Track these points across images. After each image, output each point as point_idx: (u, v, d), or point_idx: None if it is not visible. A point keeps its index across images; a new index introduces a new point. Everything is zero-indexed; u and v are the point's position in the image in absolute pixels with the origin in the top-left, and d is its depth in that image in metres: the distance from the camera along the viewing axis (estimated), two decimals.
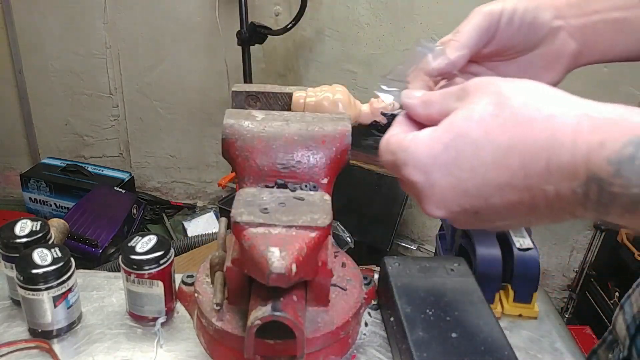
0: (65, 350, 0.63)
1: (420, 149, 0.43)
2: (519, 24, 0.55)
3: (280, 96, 0.61)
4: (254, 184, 0.56)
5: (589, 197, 0.37)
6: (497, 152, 0.40)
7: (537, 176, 0.38)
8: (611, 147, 0.35)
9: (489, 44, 0.56)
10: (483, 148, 0.40)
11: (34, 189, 2.34)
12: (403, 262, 0.66)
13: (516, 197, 0.40)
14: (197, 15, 2.21)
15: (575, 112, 0.38)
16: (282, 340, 0.55)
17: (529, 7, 0.55)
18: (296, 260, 0.48)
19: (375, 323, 0.66)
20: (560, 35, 0.56)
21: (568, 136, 0.37)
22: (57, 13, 2.28)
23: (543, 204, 0.39)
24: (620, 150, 0.35)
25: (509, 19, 0.54)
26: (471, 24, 0.54)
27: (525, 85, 0.42)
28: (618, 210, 0.36)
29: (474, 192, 0.41)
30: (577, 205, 0.38)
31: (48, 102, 2.45)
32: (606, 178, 0.35)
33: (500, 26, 0.54)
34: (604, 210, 0.37)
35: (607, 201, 0.36)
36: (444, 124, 0.43)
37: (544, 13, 0.55)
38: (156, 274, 0.63)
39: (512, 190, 0.40)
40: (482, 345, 0.54)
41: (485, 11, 0.54)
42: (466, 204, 0.42)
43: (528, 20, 0.55)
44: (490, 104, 0.41)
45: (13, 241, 0.65)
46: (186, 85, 2.34)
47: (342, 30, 2.06)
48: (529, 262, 0.67)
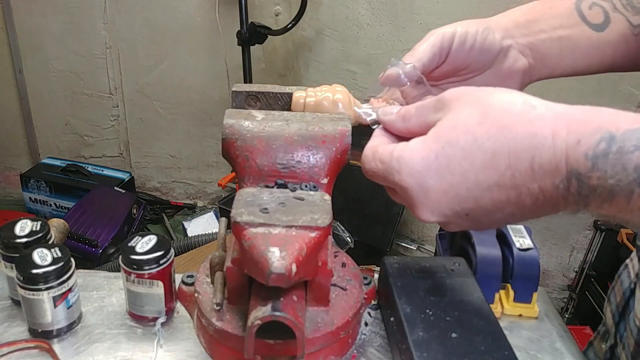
0: (65, 350, 0.63)
1: (414, 157, 0.46)
2: (471, 45, 0.59)
3: (280, 96, 0.61)
4: (254, 184, 0.56)
5: (570, 191, 0.40)
6: (485, 156, 0.43)
7: (523, 175, 0.42)
8: (587, 144, 0.39)
9: (443, 64, 0.61)
10: (472, 153, 0.44)
11: (34, 189, 2.34)
12: (403, 262, 0.66)
13: (504, 195, 0.43)
14: (197, 15, 2.21)
15: (552, 115, 0.42)
16: (282, 340, 0.55)
17: (479, 29, 0.59)
18: (296, 260, 0.48)
19: (375, 323, 0.66)
20: (510, 53, 0.61)
21: (548, 137, 0.41)
22: (57, 13, 2.28)
23: (529, 200, 0.43)
24: (595, 147, 0.39)
25: (461, 40, 0.59)
26: (425, 43, 0.59)
27: (501, 92, 0.45)
28: (597, 201, 0.40)
29: (465, 194, 0.45)
30: (559, 199, 0.41)
31: (48, 102, 2.45)
32: (585, 172, 0.39)
33: (453, 47, 0.59)
34: (584, 202, 0.40)
35: (587, 193, 0.40)
36: (431, 134, 0.46)
37: (494, 34, 0.60)
38: (156, 274, 0.63)
39: (500, 189, 0.43)
40: (482, 345, 0.54)
41: (439, 32, 0.59)
42: (458, 207, 0.45)
43: (479, 41, 0.59)
44: (473, 112, 0.44)
45: (13, 241, 0.65)
46: (186, 85, 2.34)
47: (342, 30, 2.06)
48: (529, 262, 0.67)
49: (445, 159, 0.44)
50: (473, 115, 0.44)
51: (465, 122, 0.44)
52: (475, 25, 0.60)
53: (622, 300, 0.71)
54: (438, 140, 0.45)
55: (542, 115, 0.42)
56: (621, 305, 0.70)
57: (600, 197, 0.39)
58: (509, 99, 0.44)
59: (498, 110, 0.44)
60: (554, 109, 0.42)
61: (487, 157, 0.43)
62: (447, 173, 0.44)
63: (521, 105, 0.43)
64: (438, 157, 0.45)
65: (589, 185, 0.39)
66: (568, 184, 0.40)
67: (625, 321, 0.68)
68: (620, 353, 0.67)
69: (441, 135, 0.45)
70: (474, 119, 0.44)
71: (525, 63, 0.62)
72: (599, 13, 0.62)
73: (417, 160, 0.46)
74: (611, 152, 0.38)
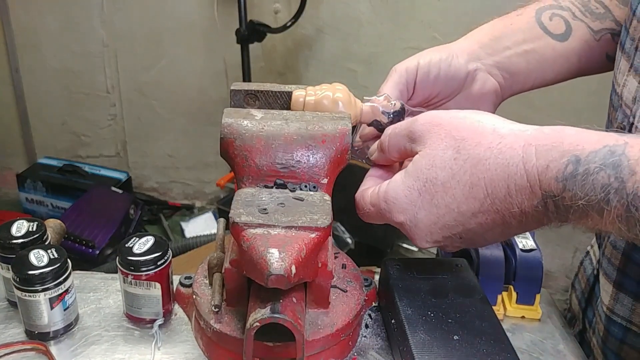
0: (62, 352, 0.62)
1: (399, 196, 0.50)
2: (436, 74, 0.61)
3: (279, 95, 0.60)
4: (252, 184, 0.56)
5: (548, 210, 0.44)
6: (465, 188, 0.47)
7: (502, 201, 0.45)
8: (555, 168, 0.42)
9: (413, 97, 0.63)
10: (452, 187, 0.47)
11: (31, 189, 2.33)
12: (404, 264, 0.66)
13: (489, 219, 0.47)
14: (196, 13, 2.20)
15: (520, 144, 0.45)
16: (282, 343, 0.54)
17: (442, 57, 0.62)
18: (296, 262, 0.48)
19: (376, 325, 0.65)
20: (478, 76, 0.63)
21: (519, 165, 0.44)
22: (54, 11, 2.27)
23: (514, 221, 0.46)
24: (563, 170, 0.42)
25: (425, 72, 0.61)
26: (389, 83, 0.61)
27: (471, 121, 0.48)
28: (575, 217, 0.43)
29: (453, 223, 0.48)
30: (541, 216, 0.45)
31: (45, 101, 2.44)
32: (557, 193, 0.43)
33: (417, 80, 0.61)
34: (564, 218, 0.44)
35: (564, 211, 0.43)
36: (411, 171, 0.50)
37: (458, 59, 0.62)
38: (154, 276, 0.63)
39: (484, 215, 0.47)
40: (484, 348, 0.54)
41: (402, 68, 0.61)
42: (449, 234, 0.49)
43: (444, 69, 0.61)
44: (448, 148, 0.48)
45: (9, 242, 0.64)
46: (184, 84, 2.33)
47: (342, 28, 2.06)
48: (531, 263, 0.66)
49: (428, 195, 0.48)
50: (448, 151, 0.48)
51: (441, 158, 0.48)
52: (438, 53, 0.62)
53: (586, 286, 0.73)
54: (418, 179, 0.49)
55: (511, 144, 0.45)
56: (586, 291, 0.73)
57: (577, 213, 0.42)
58: (478, 130, 0.47)
59: (470, 144, 0.47)
60: (522, 136, 0.45)
61: (466, 189, 0.46)
62: (433, 207, 0.48)
63: (490, 136, 0.46)
64: (421, 194, 0.49)
65: (564, 205, 0.42)
66: (545, 204, 0.43)
67: (592, 307, 0.71)
68: (591, 337, 0.70)
69: (420, 175, 0.49)
70: (449, 154, 0.47)
71: (495, 83, 0.64)
72: (560, 23, 0.65)
73: (401, 198, 0.50)
74: (579, 174, 0.41)
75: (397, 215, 0.51)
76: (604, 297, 0.64)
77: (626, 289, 0.61)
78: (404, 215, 0.50)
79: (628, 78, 0.58)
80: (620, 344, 0.62)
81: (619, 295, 0.61)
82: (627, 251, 0.60)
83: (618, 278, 0.61)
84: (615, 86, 0.61)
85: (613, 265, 0.62)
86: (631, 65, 0.57)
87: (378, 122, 0.60)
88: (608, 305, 0.63)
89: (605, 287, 0.63)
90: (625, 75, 0.58)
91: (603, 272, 0.64)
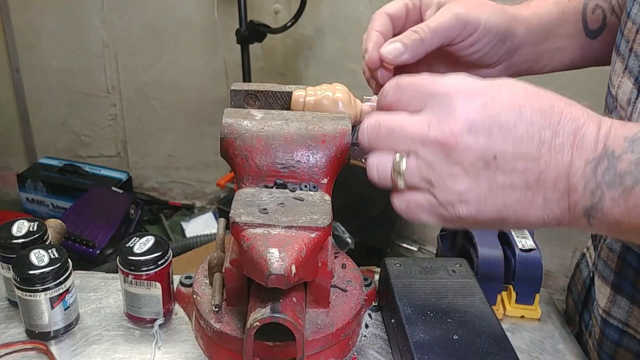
0: (63, 352, 0.62)
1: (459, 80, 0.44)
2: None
3: (279, 95, 0.60)
4: (253, 184, 0.56)
5: (595, 174, 0.40)
6: (539, 105, 0.42)
7: (565, 135, 0.41)
8: (630, 129, 0.40)
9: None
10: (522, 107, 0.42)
11: (31, 189, 2.33)
12: (404, 263, 0.66)
13: (535, 144, 0.41)
14: (196, 13, 2.20)
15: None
16: (282, 343, 0.55)
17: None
18: (296, 262, 0.48)
19: (375, 325, 0.65)
20: None
21: (595, 117, 0.42)
22: (54, 11, 2.27)
23: (552, 175, 0.41)
24: (636, 133, 0.40)
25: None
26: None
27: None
28: (615, 192, 0.40)
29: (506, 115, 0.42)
30: (579, 184, 0.41)
31: (45, 101, 2.44)
32: (618, 153, 0.40)
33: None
34: (601, 192, 0.40)
35: (610, 180, 0.40)
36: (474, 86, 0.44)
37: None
38: (154, 275, 0.63)
39: (539, 131, 0.41)
40: (484, 347, 0.54)
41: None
42: (491, 123, 0.42)
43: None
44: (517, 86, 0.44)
45: (10, 242, 0.64)
46: (184, 84, 2.33)
47: (343, 28, 2.06)
48: (531, 263, 0.66)
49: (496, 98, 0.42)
50: (518, 87, 0.43)
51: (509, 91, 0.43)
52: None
53: (583, 289, 0.73)
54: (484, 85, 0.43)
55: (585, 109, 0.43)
56: (583, 294, 0.72)
57: (622, 186, 0.39)
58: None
59: (541, 91, 0.43)
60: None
61: (539, 106, 0.42)
62: (495, 103, 0.42)
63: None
64: (486, 88, 0.43)
65: (617, 171, 0.39)
66: (598, 164, 0.40)
67: (589, 310, 0.70)
68: (587, 341, 0.69)
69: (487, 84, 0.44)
70: (519, 91, 0.43)
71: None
72: (599, 17, 0.65)
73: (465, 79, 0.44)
74: None
75: (449, 80, 0.44)
76: (600, 300, 0.64)
77: (623, 291, 0.60)
78: (458, 81, 0.44)
79: (623, 80, 0.58)
80: (615, 346, 0.62)
81: (616, 298, 0.61)
82: (622, 254, 0.60)
83: (615, 280, 0.61)
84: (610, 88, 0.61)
85: (609, 267, 0.62)
86: (626, 66, 0.57)
87: None
88: (604, 307, 0.63)
89: (601, 289, 0.63)
90: (620, 77, 0.58)
91: (599, 275, 0.64)
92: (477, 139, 0.42)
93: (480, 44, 0.59)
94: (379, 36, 0.58)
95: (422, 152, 0.43)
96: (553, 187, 0.41)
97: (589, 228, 0.42)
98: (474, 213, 0.43)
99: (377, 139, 0.46)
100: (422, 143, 0.43)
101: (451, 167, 0.42)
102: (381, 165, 0.46)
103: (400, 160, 0.45)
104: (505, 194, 0.42)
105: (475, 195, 0.43)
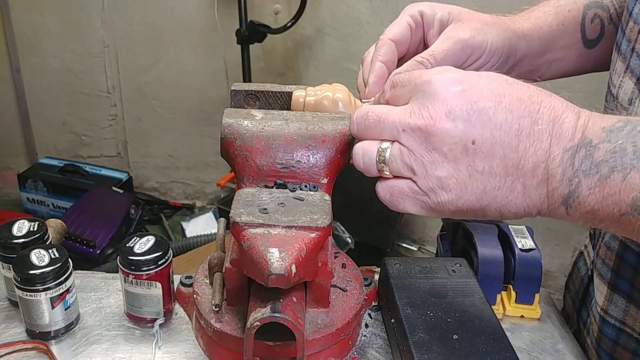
0: (63, 351, 0.62)
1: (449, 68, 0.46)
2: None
3: (279, 95, 0.60)
4: (253, 184, 0.56)
5: (573, 162, 0.41)
6: (518, 94, 0.43)
7: (545, 124, 0.42)
8: (607, 121, 0.42)
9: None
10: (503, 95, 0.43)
11: (32, 189, 2.33)
12: (404, 263, 0.66)
13: (514, 131, 0.42)
14: (196, 13, 2.20)
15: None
16: (282, 342, 0.55)
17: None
18: (296, 261, 0.48)
19: (375, 324, 0.66)
20: None
21: (574, 109, 0.43)
22: (55, 12, 2.27)
23: (530, 161, 0.42)
24: (614, 124, 0.41)
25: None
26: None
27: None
28: (591, 180, 0.40)
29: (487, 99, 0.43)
30: (557, 171, 0.42)
31: (46, 102, 2.44)
32: (596, 142, 0.41)
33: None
34: (578, 179, 0.41)
35: (587, 169, 0.41)
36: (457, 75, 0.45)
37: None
38: (154, 275, 0.63)
39: (518, 119, 0.42)
40: (484, 347, 0.54)
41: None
42: (473, 107, 0.43)
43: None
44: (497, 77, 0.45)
45: (10, 242, 0.64)
46: (185, 85, 2.33)
47: (342, 28, 2.06)
48: (531, 262, 0.66)
49: (476, 86, 0.44)
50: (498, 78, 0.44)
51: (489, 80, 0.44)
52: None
53: (580, 287, 0.73)
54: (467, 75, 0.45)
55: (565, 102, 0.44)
56: (580, 292, 0.73)
57: (598, 174, 0.40)
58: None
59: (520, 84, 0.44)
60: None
61: (518, 95, 0.43)
62: (474, 90, 0.43)
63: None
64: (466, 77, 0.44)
65: (593, 159, 0.40)
66: (575, 152, 0.41)
67: (587, 308, 0.70)
68: (585, 338, 0.70)
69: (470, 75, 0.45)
70: (500, 80, 0.44)
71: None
72: (597, 27, 0.66)
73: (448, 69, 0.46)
74: (625, 129, 0.40)
75: (435, 71, 0.45)
76: (598, 298, 0.64)
77: (620, 290, 0.61)
78: (441, 71, 0.45)
79: (624, 79, 0.58)
80: (613, 345, 0.62)
81: (613, 296, 0.61)
82: (620, 252, 0.60)
83: (612, 279, 0.61)
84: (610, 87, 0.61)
85: (607, 266, 0.62)
86: (627, 66, 0.57)
87: None
88: (602, 306, 0.63)
89: (599, 287, 0.63)
90: (621, 77, 0.58)
91: (597, 273, 0.64)
92: (455, 124, 0.43)
93: (487, 66, 0.61)
94: (381, 68, 0.60)
95: (404, 139, 0.45)
96: (532, 175, 0.42)
97: (567, 217, 0.43)
98: (455, 199, 0.44)
99: (365, 128, 0.48)
100: (404, 130, 0.45)
101: (431, 153, 0.44)
102: (367, 153, 0.47)
103: (385, 148, 0.46)
104: (485, 180, 0.43)
105: (455, 181, 0.44)
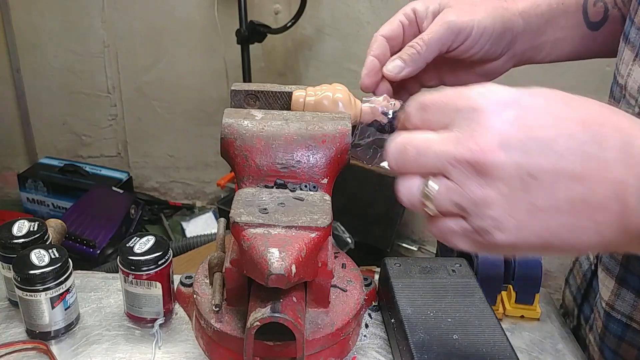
0: (63, 351, 0.62)
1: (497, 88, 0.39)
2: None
3: (279, 95, 0.60)
4: (253, 184, 0.56)
5: None
6: (579, 115, 0.37)
7: (611, 150, 0.36)
8: None
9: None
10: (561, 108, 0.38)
11: (32, 189, 2.33)
12: (404, 263, 0.66)
13: (579, 160, 0.36)
14: (196, 13, 2.20)
15: None
16: (282, 342, 0.55)
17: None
18: (296, 261, 0.48)
19: (375, 324, 0.66)
20: None
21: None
22: (55, 12, 2.27)
23: (600, 194, 0.36)
24: None
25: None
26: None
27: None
28: None
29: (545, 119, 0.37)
30: (633, 203, 0.36)
31: (46, 101, 2.44)
32: None
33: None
34: None
35: None
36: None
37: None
38: (154, 275, 0.63)
39: (581, 145, 0.36)
40: (484, 347, 0.54)
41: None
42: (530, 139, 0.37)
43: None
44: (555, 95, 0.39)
45: (10, 241, 0.64)
46: (185, 85, 2.33)
47: (342, 28, 2.06)
48: (531, 263, 0.66)
49: (530, 109, 0.38)
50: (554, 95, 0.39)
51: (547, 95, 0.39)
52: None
53: (582, 282, 0.72)
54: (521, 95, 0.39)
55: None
56: (582, 287, 0.71)
57: None
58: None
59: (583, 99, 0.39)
60: None
61: (575, 122, 0.37)
62: (529, 114, 0.37)
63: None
64: (518, 97, 0.38)
65: None
66: None
67: (590, 303, 0.70)
68: (587, 334, 0.69)
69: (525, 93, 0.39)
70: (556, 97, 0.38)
71: None
72: (600, 10, 0.64)
73: (492, 87, 0.39)
74: None
75: (481, 91, 0.39)
76: (603, 293, 0.63)
77: (629, 284, 0.60)
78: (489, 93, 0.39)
79: (633, 67, 0.57)
80: (619, 340, 0.62)
81: (620, 291, 0.61)
82: None
83: (621, 273, 0.60)
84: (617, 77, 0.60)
85: (616, 260, 0.61)
86: (636, 54, 0.57)
87: (378, 122, 0.60)
88: (608, 301, 0.62)
89: (605, 282, 0.63)
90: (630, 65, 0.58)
91: (604, 268, 0.63)
92: (510, 156, 0.37)
93: (478, 46, 0.61)
94: (372, 61, 0.62)
95: (451, 173, 0.39)
96: (603, 209, 0.37)
97: None
98: (513, 240, 0.38)
99: (404, 162, 0.42)
100: (450, 163, 0.38)
101: (483, 189, 0.38)
102: (410, 191, 0.41)
103: (429, 184, 0.40)
104: (548, 218, 0.37)
105: (512, 221, 0.38)
